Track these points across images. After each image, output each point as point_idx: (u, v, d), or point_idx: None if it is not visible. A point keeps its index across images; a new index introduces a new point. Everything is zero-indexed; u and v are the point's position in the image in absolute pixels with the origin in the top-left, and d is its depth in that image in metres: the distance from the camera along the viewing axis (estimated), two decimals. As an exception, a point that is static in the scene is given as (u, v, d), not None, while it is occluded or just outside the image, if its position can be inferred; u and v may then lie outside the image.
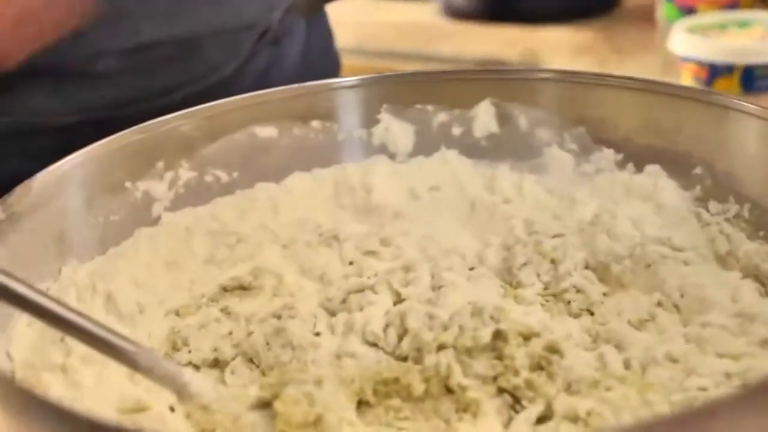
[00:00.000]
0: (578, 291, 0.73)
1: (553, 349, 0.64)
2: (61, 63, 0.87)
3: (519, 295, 0.73)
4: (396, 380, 0.63)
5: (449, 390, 0.63)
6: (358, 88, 0.82)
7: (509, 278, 0.75)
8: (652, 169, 0.78)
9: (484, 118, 0.82)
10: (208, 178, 0.79)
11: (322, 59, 1.14)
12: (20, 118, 0.89)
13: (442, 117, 0.83)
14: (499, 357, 0.65)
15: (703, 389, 0.61)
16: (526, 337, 0.65)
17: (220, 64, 0.96)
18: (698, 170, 0.75)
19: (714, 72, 1.29)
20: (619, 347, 0.67)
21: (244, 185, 0.80)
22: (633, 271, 0.73)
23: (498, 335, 0.65)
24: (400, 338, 0.68)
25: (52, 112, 0.89)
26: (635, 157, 0.78)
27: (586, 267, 0.75)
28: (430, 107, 0.82)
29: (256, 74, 1.01)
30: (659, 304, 0.70)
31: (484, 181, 0.82)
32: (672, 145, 0.77)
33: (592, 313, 0.72)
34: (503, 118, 0.82)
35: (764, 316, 0.67)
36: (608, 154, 0.79)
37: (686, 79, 1.31)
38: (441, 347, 0.66)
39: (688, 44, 1.31)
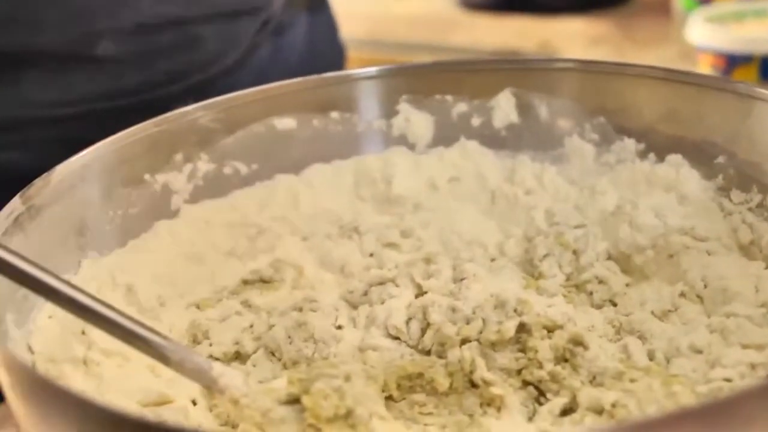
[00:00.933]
0: (600, 282, 0.73)
1: (577, 342, 0.64)
2: (61, 45, 0.87)
3: (541, 287, 0.73)
4: (420, 375, 0.63)
5: (473, 384, 0.63)
6: (378, 79, 0.82)
7: (531, 270, 0.75)
8: (674, 158, 0.77)
9: (504, 108, 0.81)
10: (228, 170, 0.79)
11: (326, 50, 1.14)
12: (18, 111, 0.89)
13: (461, 107, 0.82)
14: (523, 350, 0.64)
15: (728, 380, 0.61)
16: (550, 330, 0.65)
17: (220, 53, 0.95)
18: (720, 159, 0.75)
19: (732, 62, 1.29)
20: (642, 338, 0.67)
21: (263, 177, 0.80)
22: (656, 262, 0.73)
23: (522, 328, 0.65)
24: (423, 332, 0.68)
25: (50, 103, 0.89)
26: (657, 146, 0.78)
27: (609, 258, 0.75)
28: (449, 97, 0.82)
29: (258, 66, 1.00)
30: (682, 294, 0.70)
31: (504, 171, 0.81)
32: (694, 134, 0.76)
33: (614, 304, 0.72)
34: (523, 108, 0.81)
35: (789, 307, 0.66)
36: (629, 144, 0.79)
37: (704, 69, 1.30)
38: (464, 341, 0.65)
39: (705, 34, 1.30)
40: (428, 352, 0.67)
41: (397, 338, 0.68)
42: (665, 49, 1.50)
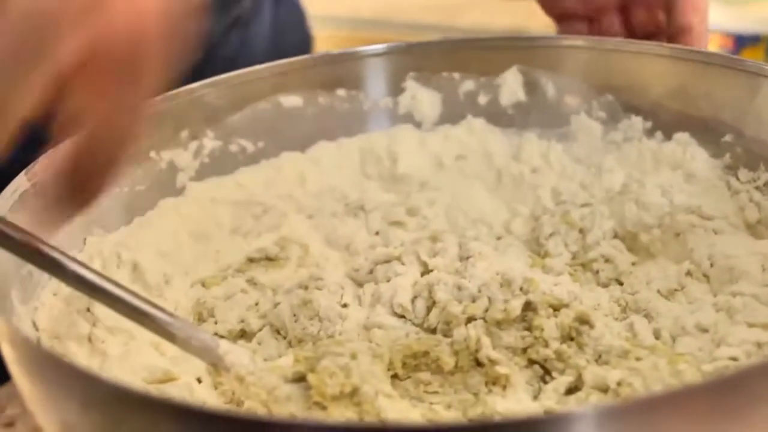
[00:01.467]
0: (607, 260, 0.72)
1: (583, 320, 0.64)
2: None
3: (547, 265, 0.72)
4: (425, 353, 0.63)
5: (479, 363, 0.62)
6: (384, 56, 0.81)
7: (537, 248, 0.75)
8: (681, 137, 0.77)
9: (511, 85, 0.81)
10: (233, 148, 0.79)
11: (293, 38, 1.12)
12: None
13: (468, 85, 0.82)
14: (529, 328, 0.64)
15: (734, 359, 0.61)
16: (556, 308, 0.65)
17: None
18: (728, 138, 0.75)
19: (740, 42, 1.28)
20: (648, 317, 0.67)
21: (269, 155, 0.80)
22: (662, 241, 0.73)
23: (527, 306, 0.65)
24: (429, 310, 0.68)
25: None
26: (664, 124, 0.78)
27: (615, 236, 0.75)
28: (456, 75, 0.81)
29: (223, 61, 0.98)
30: (688, 273, 0.70)
31: (511, 149, 0.81)
32: (701, 112, 0.76)
33: (620, 283, 0.71)
34: (530, 86, 0.81)
35: (795, 287, 0.66)
36: (636, 122, 0.79)
37: (712, 49, 1.30)
38: (470, 319, 0.65)
39: (713, 14, 1.29)
40: (434, 331, 0.67)
41: (402, 316, 0.68)
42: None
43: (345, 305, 0.69)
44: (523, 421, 0.47)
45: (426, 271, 0.71)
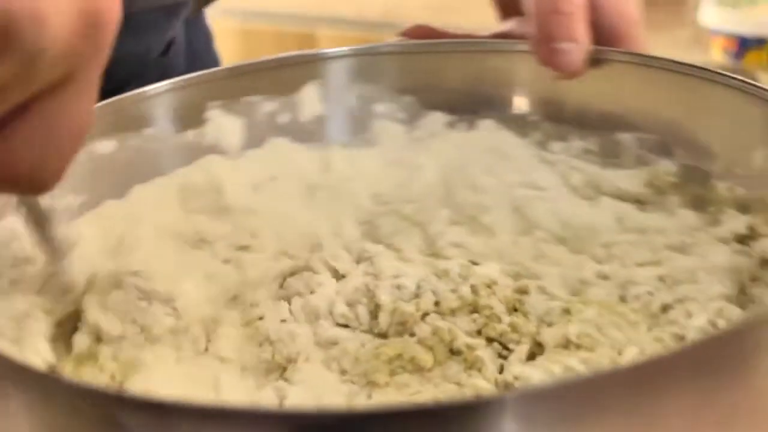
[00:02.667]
0: (457, 246, 0.74)
1: (521, 290, 0.67)
2: None
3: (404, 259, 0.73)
4: (399, 356, 0.63)
5: (453, 353, 0.64)
6: (180, 90, 0.79)
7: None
8: (485, 123, 0.81)
9: (309, 100, 0.82)
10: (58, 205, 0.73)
11: (203, 62, 1.08)
12: None
13: (268, 106, 0.81)
14: (475, 310, 0.66)
15: (651, 294, 0.66)
16: (489, 286, 0.67)
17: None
18: (534, 117, 0.80)
19: (744, 45, 1.30)
20: (540, 279, 0.70)
21: (90, 206, 0.75)
22: (503, 218, 0.76)
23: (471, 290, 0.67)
24: (372, 314, 0.67)
25: None
26: (466, 115, 0.81)
27: (454, 223, 0.76)
28: (255, 98, 0.81)
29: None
30: (543, 240, 0.74)
31: (320, 163, 0.81)
32: (500, 94, 0.81)
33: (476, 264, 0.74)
34: (328, 98, 0.82)
35: (654, 228, 0.72)
36: (438, 117, 0.82)
37: (716, 52, 1.30)
38: (425, 315, 0.66)
39: (718, 17, 1.30)
40: (385, 335, 0.67)
41: (346, 326, 0.67)
42: (679, 34, 1.48)
43: (283, 321, 0.67)
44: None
45: (338, 276, 0.70)
